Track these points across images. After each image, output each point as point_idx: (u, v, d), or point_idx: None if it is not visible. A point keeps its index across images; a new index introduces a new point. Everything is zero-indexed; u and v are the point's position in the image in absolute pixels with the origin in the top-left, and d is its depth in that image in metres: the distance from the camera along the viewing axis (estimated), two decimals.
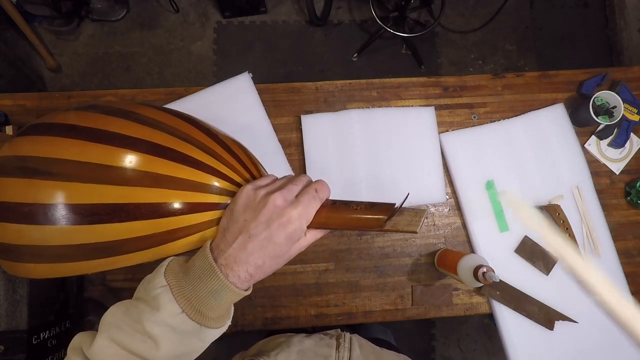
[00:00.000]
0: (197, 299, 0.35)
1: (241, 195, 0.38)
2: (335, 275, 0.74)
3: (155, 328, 0.34)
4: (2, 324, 0.56)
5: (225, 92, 0.77)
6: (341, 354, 0.52)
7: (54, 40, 1.68)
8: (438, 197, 0.76)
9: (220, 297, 0.36)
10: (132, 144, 0.40)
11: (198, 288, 0.35)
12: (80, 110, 0.45)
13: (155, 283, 0.36)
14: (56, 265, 0.41)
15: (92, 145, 0.40)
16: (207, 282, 0.35)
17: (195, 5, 1.74)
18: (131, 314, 0.35)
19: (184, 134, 0.43)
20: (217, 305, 0.36)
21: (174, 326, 0.34)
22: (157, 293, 0.35)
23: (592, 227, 0.76)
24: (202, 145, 0.43)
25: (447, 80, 0.82)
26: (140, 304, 0.36)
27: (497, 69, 1.78)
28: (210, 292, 0.35)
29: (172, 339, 0.34)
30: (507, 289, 0.73)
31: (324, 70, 1.73)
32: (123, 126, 0.41)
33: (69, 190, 0.38)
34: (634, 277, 0.76)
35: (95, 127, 0.41)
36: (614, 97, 0.76)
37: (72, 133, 0.41)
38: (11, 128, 0.65)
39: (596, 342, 0.72)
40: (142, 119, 0.43)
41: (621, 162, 0.80)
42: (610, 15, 1.82)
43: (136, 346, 0.34)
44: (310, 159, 0.75)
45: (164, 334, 0.34)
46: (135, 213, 0.38)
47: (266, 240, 0.36)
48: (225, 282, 0.35)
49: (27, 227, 0.39)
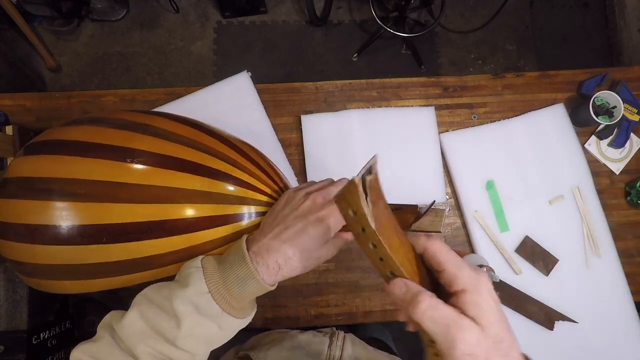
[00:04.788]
0: (224, 285, 0.36)
1: (283, 196, 0.42)
2: (335, 275, 0.74)
3: (181, 305, 0.35)
4: (2, 324, 0.56)
5: (224, 92, 0.77)
6: (333, 352, 0.52)
7: (54, 40, 1.68)
8: (438, 197, 0.75)
9: (245, 286, 0.36)
10: (160, 162, 0.41)
11: (227, 274, 0.37)
12: (99, 125, 0.45)
13: (190, 264, 0.38)
14: (91, 281, 0.43)
15: (120, 164, 0.41)
16: (236, 268, 0.36)
17: (195, 5, 1.74)
18: (162, 292, 0.37)
19: (209, 148, 0.44)
20: (241, 295, 0.37)
21: (197, 305, 0.35)
22: (189, 272, 0.37)
23: (593, 227, 0.76)
24: (229, 158, 0.44)
25: (447, 80, 0.82)
26: (173, 283, 0.37)
27: (497, 69, 1.78)
28: (237, 279, 0.36)
29: (193, 319, 0.35)
30: (507, 289, 0.73)
31: (324, 70, 1.73)
32: (147, 143, 0.42)
33: (104, 211, 0.40)
34: (634, 277, 0.76)
35: (120, 145, 0.42)
36: (614, 97, 0.76)
37: (100, 152, 0.42)
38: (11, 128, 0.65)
39: (596, 342, 0.72)
40: (164, 133, 0.44)
41: (621, 162, 0.80)
42: (610, 15, 1.82)
43: (159, 323, 0.35)
44: (310, 159, 0.75)
45: (187, 312, 0.35)
46: (172, 229, 0.40)
47: (301, 232, 0.37)
48: (252, 270, 0.36)
49: (63, 248, 0.40)
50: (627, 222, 0.78)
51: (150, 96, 0.77)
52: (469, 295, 0.27)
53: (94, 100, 0.77)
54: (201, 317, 0.35)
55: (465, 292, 0.27)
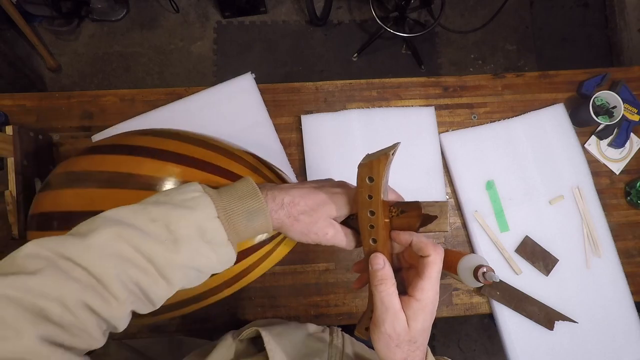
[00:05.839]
0: (232, 213, 0.35)
1: None
2: (335, 275, 0.74)
3: (184, 229, 0.32)
4: None
5: (227, 92, 0.77)
6: (333, 350, 0.52)
7: (54, 40, 1.68)
8: (438, 197, 0.75)
9: (253, 219, 0.36)
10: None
11: (234, 205, 0.35)
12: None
13: (190, 188, 0.35)
14: None
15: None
16: (246, 201, 0.36)
17: (195, 5, 1.74)
18: (147, 214, 0.32)
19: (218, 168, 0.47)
20: (246, 227, 0.36)
21: (205, 229, 0.33)
22: (193, 196, 0.34)
23: (593, 227, 0.76)
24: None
25: (447, 80, 0.82)
26: (160, 206, 0.33)
27: (497, 69, 1.78)
28: (246, 211, 0.35)
29: (195, 245, 0.32)
30: (507, 289, 0.73)
31: (324, 70, 1.73)
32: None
33: None
34: (634, 277, 0.76)
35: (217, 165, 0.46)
36: (614, 97, 0.76)
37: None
38: (11, 128, 0.65)
39: (596, 342, 0.72)
40: (174, 156, 0.46)
41: (621, 162, 0.80)
42: (610, 15, 1.82)
43: (149, 246, 0.31)
44: (310, 159, 0.75)
45: (190, 237, 0.32)
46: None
47: (313, 191, 0.39)
48: (264, 205, 0.36)
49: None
50: (627, 222, 0.78)
51: (150, 96, 0.77)
52: (417, 303, 0.35)
53: (94, 100, 0.77)
54: (204, 244, 0.33)
55: (417, 300, 0.35)
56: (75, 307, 0.28)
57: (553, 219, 0.76)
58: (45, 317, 0.26)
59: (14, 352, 0.25)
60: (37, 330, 0.26)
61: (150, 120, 0.75)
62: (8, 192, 0.63)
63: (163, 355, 0.65)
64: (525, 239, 0.75)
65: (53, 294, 0.27)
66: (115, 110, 0.77)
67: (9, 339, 0.25)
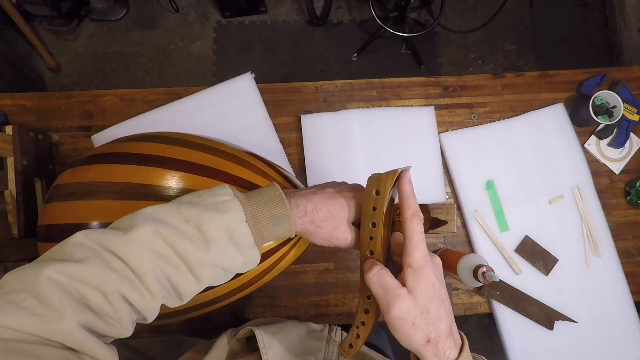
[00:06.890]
0: (259, 218, 0.37)
1: None
2: (335, 275, 0.74)
3: (214, 230, 0.34)
4: None
5: (227, 92, 0.77)
6: (331, 348, 0.51)
7: (54, 40, 1.68)
8: (438, 197, 0.75)
9: (278, 225, 0.37)
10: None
11: (261, 210, 0.37)
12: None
13: (222, 192, 0.36)
14: None
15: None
16: (272, 207, 0.37)
17: (195, 5, 1.74)
18: (181, 214, 0.34)
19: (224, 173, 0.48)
20: (271, 232, 0.37)
21: (234, 232, 0.34)
22: (225, 200, 0.35)
23: (593, 227, 0.76)
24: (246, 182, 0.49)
25: (447, 80, 0.82)
26: (193, 207, 0.34)
27: (497, 69, 1.78)
28: (272, 217, 0.37)
29: (225, 247, 0.34)
30: (507, 289, 0.73)
31: (324, 70, 1.73)
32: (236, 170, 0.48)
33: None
34: (634, 277, 0.76)
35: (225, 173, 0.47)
36: (614, 97, 0.76)
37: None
38: (11, 128, 0.65)
39: (596, 342, 0.72)
40: (179, 164, 0.47)
41: (621, 162, 0.80)
42: (610, 15, 1.82)
43: (183, 245, 0.33)
44: (310, 159, 0.75)
45: (219, 239, 0.34)
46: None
47: (334, 195, 0.40)
48: (289, 211, 0.37)
49: None
50: (627, 222, 0.78)
51: (150, 96, 0.77)
52: (411, 270, 0.34)
53: (94, 100, 0.77)
54: (232, 246, 0.35)
55: (410, 267, 0.34)
56: (113, 297, 0.30)
57: (553, 219, 0.76)
58: (86, 305, 0.29)
59: (54, 334, 0.27)
60: (78, 317, 0.28)
61: (151, 121, 0.75)
62: (8, 192, 0.63)
63: (163, 355, 0.65)
64: (525, 239, 0.75)
65: (95, 283, 0.29)
66: (115, 110, 0.77)
67: (52, 321, 0.27)
